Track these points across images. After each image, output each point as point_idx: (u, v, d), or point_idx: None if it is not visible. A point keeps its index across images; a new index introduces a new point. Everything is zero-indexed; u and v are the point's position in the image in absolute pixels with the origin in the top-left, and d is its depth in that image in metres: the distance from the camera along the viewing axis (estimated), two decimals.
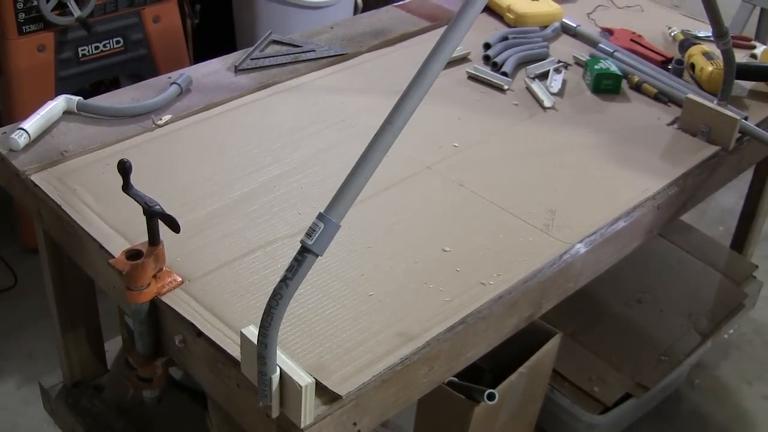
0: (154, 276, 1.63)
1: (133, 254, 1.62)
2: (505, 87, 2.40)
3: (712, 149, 2.21)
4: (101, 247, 1.74)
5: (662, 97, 2.40)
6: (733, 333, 3.21)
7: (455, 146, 2.14)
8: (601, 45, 2.61)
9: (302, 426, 1.39)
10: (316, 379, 1.40)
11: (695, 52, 2.53)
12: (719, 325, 2.82)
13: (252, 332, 1.38)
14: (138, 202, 1.59)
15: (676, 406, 2.98)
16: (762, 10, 3.95)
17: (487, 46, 2.58)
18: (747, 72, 2.44)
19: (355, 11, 4.16)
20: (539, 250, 1.82)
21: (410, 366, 1.54)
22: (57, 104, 2.11)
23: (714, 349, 2.87)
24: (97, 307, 2.34)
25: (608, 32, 2.73)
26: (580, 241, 1.87)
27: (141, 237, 1.67)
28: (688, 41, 2.62)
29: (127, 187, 1.59)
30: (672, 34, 2.75)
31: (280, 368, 1.37)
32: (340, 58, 2.50)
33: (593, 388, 2.51)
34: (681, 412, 2.97)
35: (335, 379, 1.47)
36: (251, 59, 2.43)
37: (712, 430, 2.92)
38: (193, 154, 2.06)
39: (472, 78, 2.45)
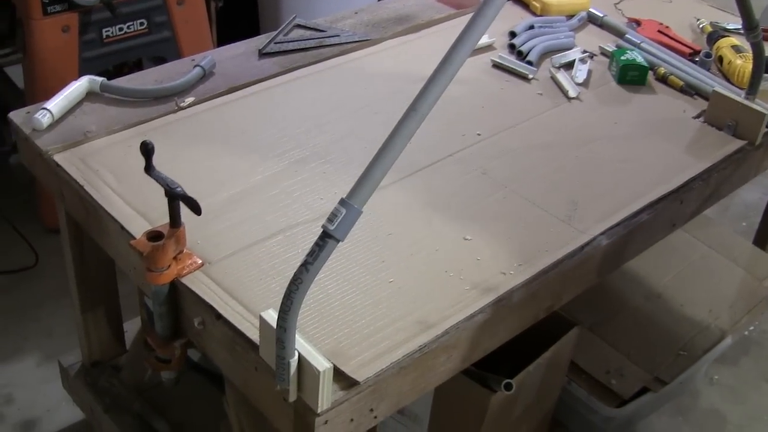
0: (175, 258, 1.63)
1: (154, 236, 1.62)
2: (530, 76, 2.39)
3: (738, 144, 2.20)
4: (122, 228, 1.74)
5: (689, 90, 2.39)
6: (754, 329, 3.20)
7: (478, 135, 2.13)
8: (627, 36, 2.60)
9: (319, 411, 1.39)
10: (334, 365, 1.40)
11: (724, 45, 2.51)
12: (740, 321, 2.80)
13: (271, 316, 1.37)
14: (160, 184, 1.59)
15: (693, 401, 2.97)
16: None
17: (512, 34, 2.57)
18: None
19: None
20: (561, 240, 1.82)
21: (428, 354, 1.54)
22: (80, 85, 2.11)
23: (734, 345, 2.85)
24: (116, 288, 2.34)
25: (635, 23, 2.71)
26: (602, 233, 1.86)
27: (162, 219, 1.68)
28: (716, 33, 2.60)
29: (149, 169, 1.59)
30: (700, 26, 2.73)
31: (299, 353, 1.37)
32: (364, 43, 2.49)
33: (611, 381, 2.50)
34: (698, 407, 2.95)
35: (353, 365, 1.46)
36: (275, 43, 2.43)
37: (729, 427, 2.91)
38: (215, 137, 2.06)
39: (497, 66, 2.44)
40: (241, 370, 1.55)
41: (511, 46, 2.52)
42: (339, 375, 1.44)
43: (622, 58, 2.42)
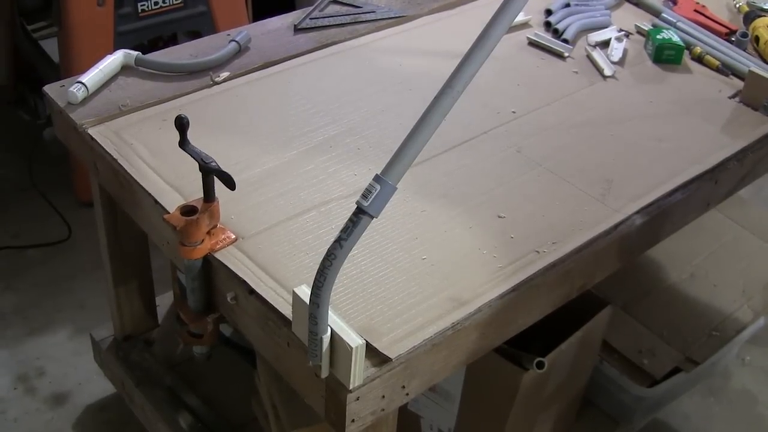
0: (208, 232, 1.63)
1: (187, 210, 1.62)
2: (566, 54, 2.38)
3: None
4: (156, 202, 1.75)
5: (724, 70, 2.37)
6: None
7: (513, 112, 2.13)
8: (663, 15, 2.58)
9: (351, 387, 1.39)
10: (366, 341, 1.40)
11: (760, 25, 2.49)
12: None
13: (304, 291, 1.38)
14: (194, 159, 1.60)
15: (725, 382, 2.96)
16: None
17: (548, 12, 2.56)
18: None
19: None
20: (595, 219, 1.81)
21: (461, 331, 1.54)
22: (115, 58, 2.11)
23: (766, 326, 2.84)
24: (149, 262, 2.36)
25: (671, 2, 2.69)
26: (637, 212, 1.85)
27: (196, 193, 1.68)
28: (753, 13, 2.58)
29: (183, 143, 1.60)
30: (737, 5, 2.70)
31: (331, 329, 1.37)
32: (400, 20, 2.48)
33: (642, 360, 2.49)
34: (730, 388, 2.95)
35: (386, 342, 1.46)
36: (310, 19, 2.42)
37: (760, 408, 2.90)
38: (250, 111, 2.06)
39: (533, 44, 2.43)
40: (274, 346, 1.56)
41: (547, 24, 2.51)
42: (371, 351, 1.44)
43: (658, 37, 2.41)
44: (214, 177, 1.61)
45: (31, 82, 3.53)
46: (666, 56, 2.40)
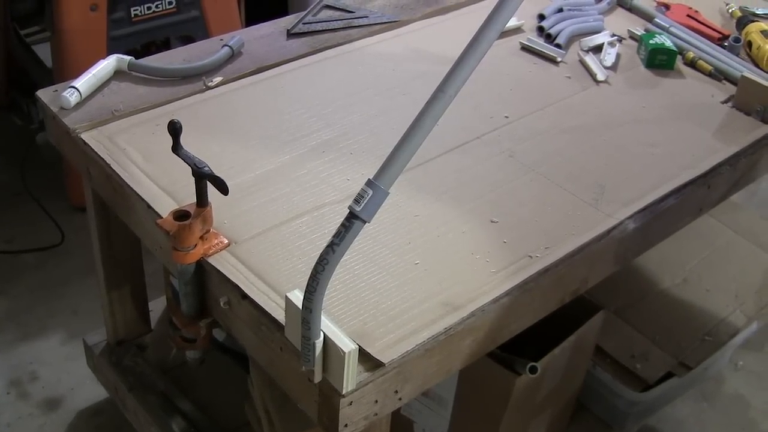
0: (201, 237, 1.63)
1: (180, 215, 1.62)
2: (559, 59, 2.38)
3: (766, 129, 2.18)
4: (149, 206, 1.75)
5: (717, 75, 2.37)
6: None
7: (506, 117, 2.13)
8: (656, 20, 2.58)
9: (344, 392, 1.39)
10: (359, 346, 1.39)
11: (753, 30, 2.49)
12: (765, 306, 2.80)
13: (297, 296, 1.37)
14: (187, 163, 1.59)
15: (718, 387, 2.96)
16: None
17: (541, 17, 2.56)
18: None
19: None
20: (587, 224, 1.81)
21: (454, 336, 1.54)
22: (108, 63, 2.11)
23: (759, 331, 2.84)
24: (142, 267, 2.35)
25: (664, 7, 2.69)
26: (629, 217, 1.85)
27: (189, 198, 1.68)
28: (745, 18, 2.58)
29: (176, 148, 1.59)
30: (729, 10, 2.71)
31: (324, 333, 1.37)
32: (393, 24, 2.49)
33: (635, 365, 2.49)
34: (723, 393, 2.95)
35: (379, 347, 1.46)
36: (303, 23, 2.42)
37: (753, 413, 2.90)
38: (243, 116, 2.06)
39: (526, 49, 2.43)
40: (267, 351, 1.55)
41: (540, 29, 2.51)
42: (364, 356, 1.44)
43: (651, 42, 2.41)
44: (207, 182, 1.61)
45: (24, 86, 3.52)
46: (659, 61, 2.40)
